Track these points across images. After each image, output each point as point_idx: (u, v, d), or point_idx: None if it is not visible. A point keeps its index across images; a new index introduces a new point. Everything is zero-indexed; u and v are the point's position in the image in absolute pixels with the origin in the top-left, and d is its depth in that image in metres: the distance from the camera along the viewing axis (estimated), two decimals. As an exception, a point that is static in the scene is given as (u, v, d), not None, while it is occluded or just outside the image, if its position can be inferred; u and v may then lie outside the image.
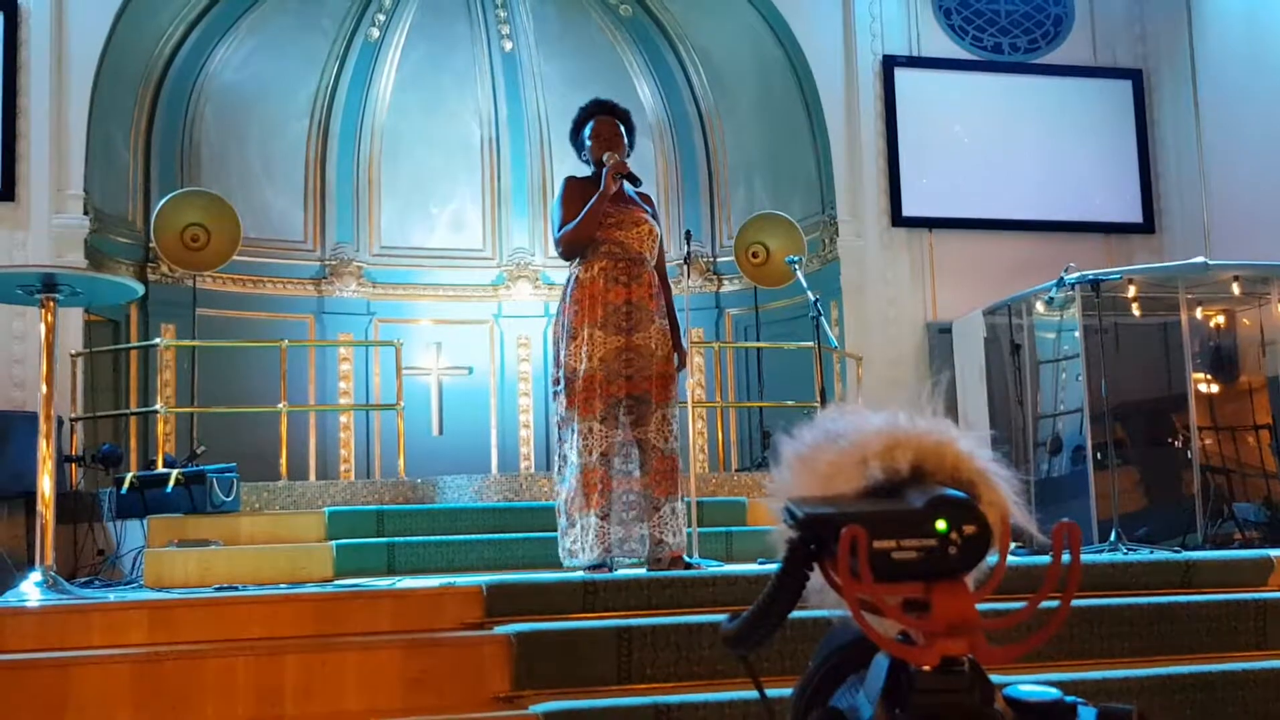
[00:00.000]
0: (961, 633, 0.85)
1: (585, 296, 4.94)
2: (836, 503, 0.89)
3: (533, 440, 10.13)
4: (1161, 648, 3.82)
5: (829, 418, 0.99)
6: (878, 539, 0.84)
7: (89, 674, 3.37)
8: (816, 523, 0.86)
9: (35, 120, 8.06)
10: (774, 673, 3.30)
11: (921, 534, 0.85)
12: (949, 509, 0.86)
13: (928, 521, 0.85)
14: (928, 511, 0.86)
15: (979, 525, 0.85)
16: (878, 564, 0.84)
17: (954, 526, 0.86)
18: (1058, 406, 7.90)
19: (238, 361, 9.01)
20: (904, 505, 0.87)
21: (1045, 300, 7.89)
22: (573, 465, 4.88)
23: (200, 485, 6.37)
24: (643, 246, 5.01)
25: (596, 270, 4.95)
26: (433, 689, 3.50)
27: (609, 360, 4.87)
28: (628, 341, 4.90)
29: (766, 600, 0.90)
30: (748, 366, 9.72)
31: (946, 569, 0.85)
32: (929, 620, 0.86)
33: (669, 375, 4.99)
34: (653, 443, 4.89)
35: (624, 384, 4.88)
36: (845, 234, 9.26)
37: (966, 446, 0.93)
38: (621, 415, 4.89)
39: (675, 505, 4.91)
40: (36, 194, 8.01)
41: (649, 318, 4.96)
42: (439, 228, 10.43)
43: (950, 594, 0.85)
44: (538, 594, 3.96)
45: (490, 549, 6.08)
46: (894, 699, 0.87)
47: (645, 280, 4.99)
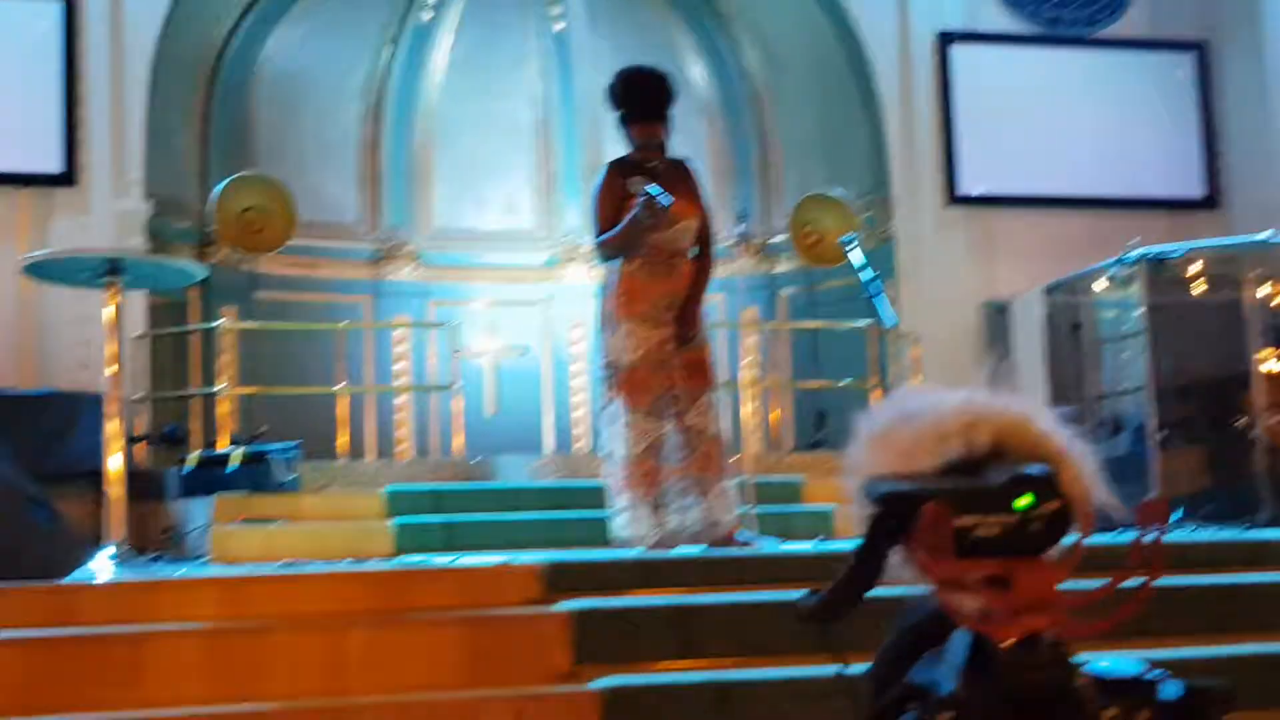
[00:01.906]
0: (1043, 609, 0.86)
1: (626, 291, 4.97)
2: (917, 480, 0.90)
3: (586, 420, 10.14)
4: (1229, 626, 3.78)
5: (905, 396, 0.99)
6: (960, 516, 0.84)
7: (161, 647, 3.43)
8: (898, 500, 0.87)
9: (95, 107, 8.16)
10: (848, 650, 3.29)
11: (1003, 511, 0.86)
12: (1031, 486, 0.86)
13: (1010, 498, 0.86)
14: (1010, 488, 0.86)
15: (1061, 502, 0.86)
16: (960, 541, 0.84)
17: (1036, 503, 0.86)
18: (1119, 386, 7.81)
19: (297, 343, 9.10)
20: (985, 482, 0.88)
21: (1106, 278, 7.79)
22: (622, 456, 4.93)
23: (262, 464, 6.47)
24: (682, 242, 5.04)
25: (637, 265, 4.98)
26: (493, 665, 3.53)
27: (653, 354, 4.91)
28: (669, 333, 4.95)
29: (847, 576, 0.91)
30: (803, 346, 9.68)
31: (1028, 545, 0.86)
32: (1011, 596, 0.87)
33: (708, 361, 5.05)
34: (696, 427, 4.93)
35: (666, 375, 4.92)
36: (900, 213, 9.18)
37: (1047, 423, 0.94)
38: (668, 407, 4.94)
39: (724, 485, 4.94)
40: (98, 179, 8.12)
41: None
42: (492, 210, 10.46)
43: (1032, 570, 0.86)
44: (597, 571, 3.99)
45: (546, 527, 6.13)
46: (976, 674, 0.88)
47: (684, 270, 5.03)
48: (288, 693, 3.36)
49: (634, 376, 4.91)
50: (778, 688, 3.32)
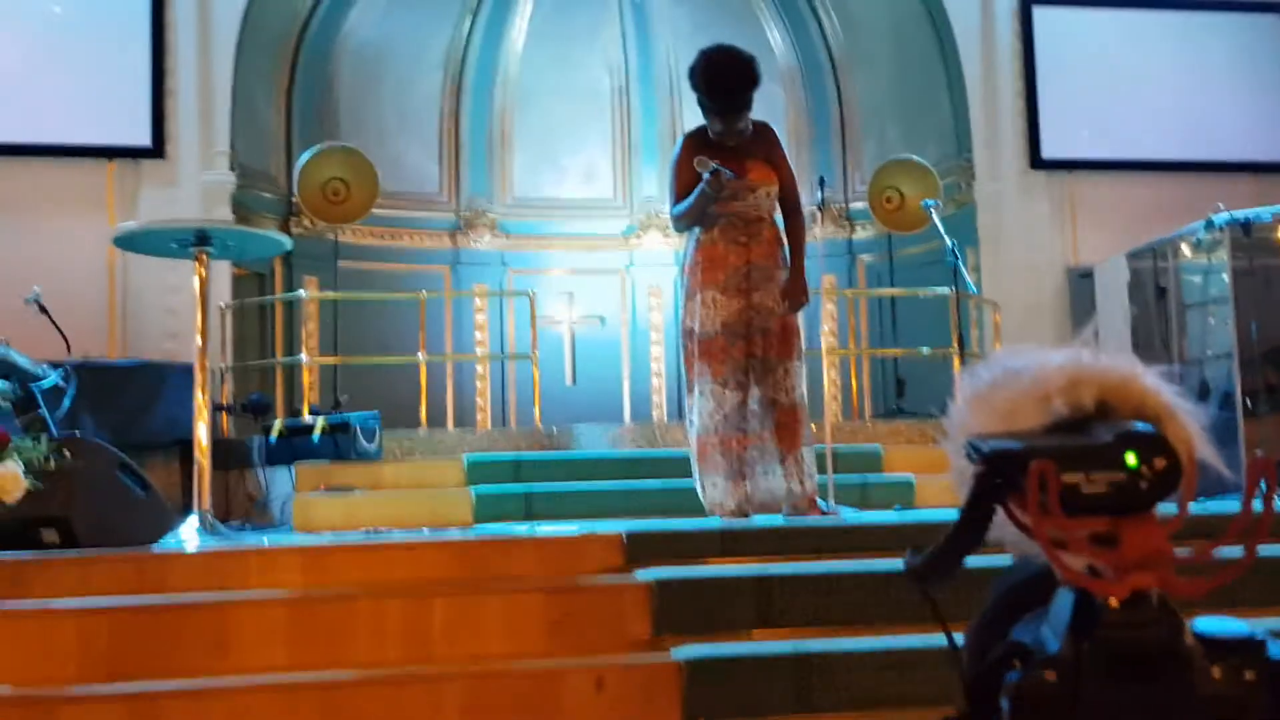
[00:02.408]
0: (1152, 566, 0.84)
1: (707, 259, 4.95)
2: (1022, 438, 0.88)
3: (664, 389, 10.17)
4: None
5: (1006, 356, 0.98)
6: (1067, 473, 0.83)
7: (247, 614, 3.47)
8: (1003, 458, 0.86)
9: (183, 80, 8.29)
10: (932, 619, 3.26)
11: (1111, 468, 0.84)
12: (1139, 443, 0.85)
13: (1117, 455, 0.84)
14: (1117, 445, 0.85)
15: (1169, 459, 0.84)
16: (1067, 498, 0.83)
17: (1144, 460, 0.84)
18: (1205, 352, 7.66)
19: (378, 312, 9.20)
20: (1092, 440, 0.86)
21: (1192, 243, 7.64)
22: (701, 425, 4.92)
23: (344, 433, 6.55)
24: (760, 210, 5.00)
25: (717, 233, 4.95)
26: (574, 633, 3.54)
27: (731, 323, 4.89)
28: (748, 302, 4.90)
29: (952, 535, 0.90)
30: (881, 313, 9.60)
31: (1136, 503, 0.84)
32: (1119, 554, 0.85)
33: (791, 329, 4.98)
34: (776, 398, 4.90)
35: (744, 345, 4.89)
36: (982, 178, 9.07)
37: (1152, 381, 0.92)
38: (747, 376, 4.90)
39: (802, 453, 4.91)
40: (186, 151, 8.25)
41: (768, 275, 4.95)
42: (570, 178, 10.49)
43: (1140, 528, 0.84)
44: (677, 541, 3.98)
45: (625, 496, 6.15)
46: (1081, 633, 0.86)
47: (765, 237, 4.98)
48: (370, 660, 3.39)
49: (713, 345, 4.89)
50: (858, 658, 3.29)
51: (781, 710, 3.22)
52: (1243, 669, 0.89)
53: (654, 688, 3.24)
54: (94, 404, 6.59)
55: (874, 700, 3.22)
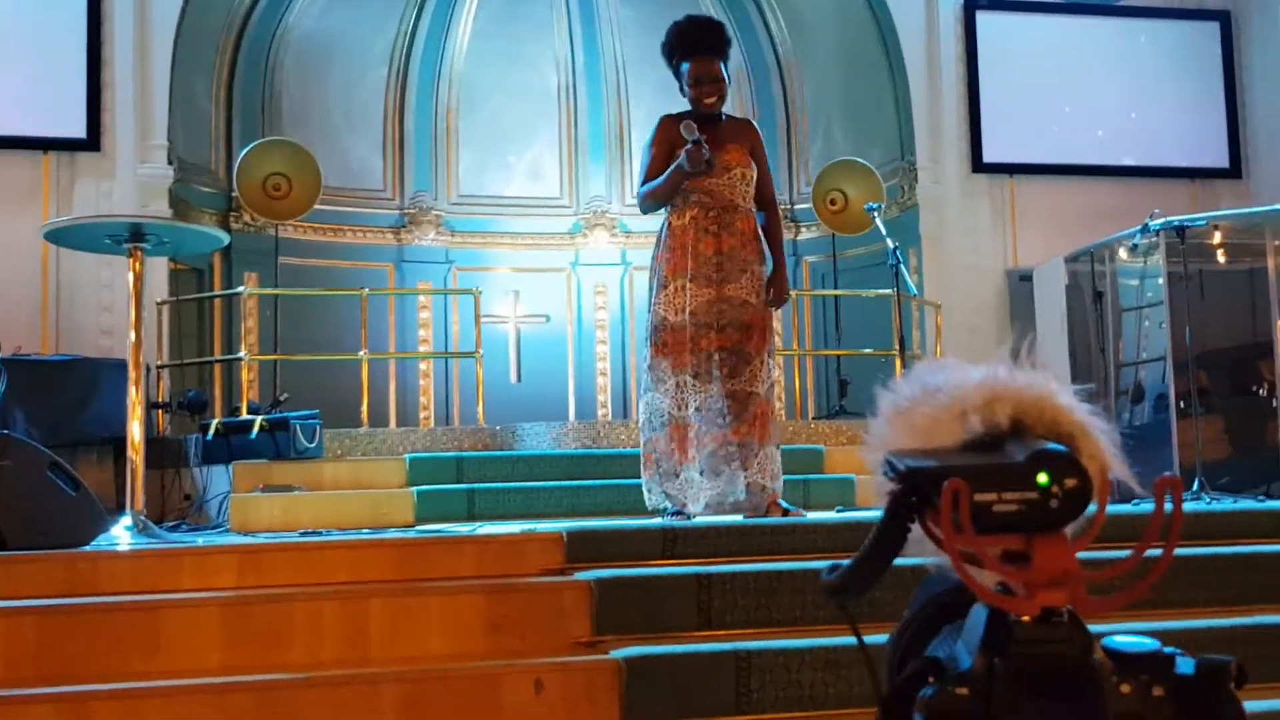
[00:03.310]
0: (1062, 584, 0.86)
1: (678, 245, 4.84)
2: (938, 455, 0.89)
3: (610, 388, 10.17)
4: (1248, 598, 3.77)
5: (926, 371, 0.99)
6: (980, 492, 0.84)
7: (180, 616, 3.44)
8: (918, 475, 0.87)
9: (120, 71, 8.16)
10: (865, 620, 3.29)
11: (1023, 487, 0.85)
12: (1051, 462, 0.86)
13: (1029, 475, 0.86)
14: (1029, 465, 0.86)
15: (1080, 479, 0.85)
16: (979, 516, 0.84)
17: (1055, 480, 0.86)
18: (1140, 354, 7.77)
19: (319, 309, 9.13)
20: (1005, 459, 0.87)
21: (1129, 247, 7.75)
22: (665, 417, 4.81)
23: (284, 432, 6.49)
24: (734, 193, 4.87)
25: (688, 219, 4.84)
26: (514, 633, 3.54)
27: (700, 313, 4.78)
28: (719, 293, 4.79)
29: (868, 551, 0.91)
30: (825, 314, 9.66)
31: (1047, 522, 0.86)
32: (1030, 572, 0.86)
33: (763, 324, 4.88)
34: (746, 390, 4.78)
35: (715, 337, 4.79)
36: (925, 180, 9.14)
37: (1067, 400, 0.93)
38: (715, 369, 4.79)
39: (770, 450, 4.81)
40: (122, 144, 8.13)
41: (741, 267, 4.83)
42: (516, 176, 10.46)
43: (1051, 546, 0.86)
44: (618, 541, 3.98)
45: (569, 495, 6.13)
46: (994, 649, 0.87)
47: (738, 228, 4.86)
48: (307, 662, 3.37)
49: (681, 336, 4.78)
50: (798, 658, 3.31)
51: (722, 710, 3.24)
52: (1151, 685, 0.91)
53: (594, 688, 3.25)
54: (25, 401, 6.49)
55: (814, 700, 3.25)
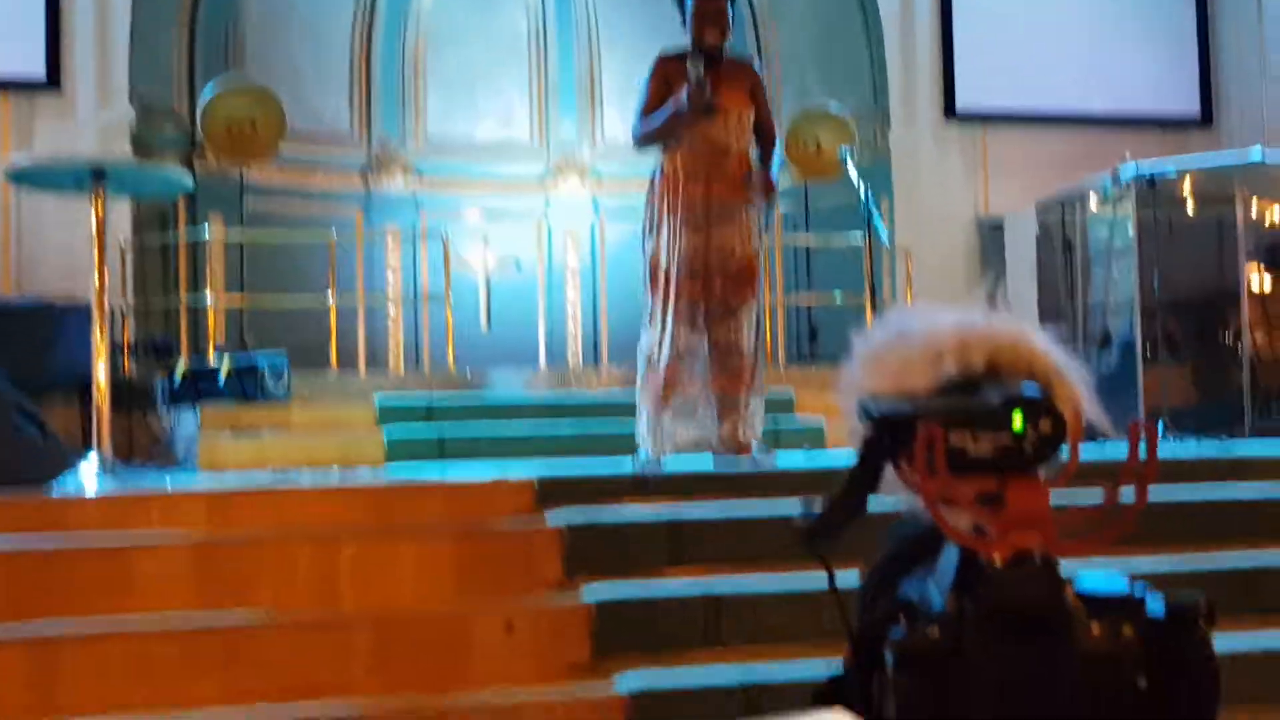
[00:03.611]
0: (1034, 526, 0.86)
1: (668, 189, 4.78)
2: (912, 399, 0.89)
3: (580, 334, 10.14)
4: (1212, 538, 3.82)
5: (900, 315, 0.98)
6: (954, 435, 0.84)
7: (149, 558, 3.42)
8: (892, 419, 0.87)
9: (80, 12, 8.02)
10: (836, 561, 3.30)
11: (998, 430, 0.85)
12: (1025, 405, 0.86)
13: (1004, 418, 0.86)
14: (1004, 408, 0.86)
15: (1055, 421, 0.85)
16: (954, 459, 0.84)
17: (1030, 423, 0.86)
18: (1109, 302, 7.82)
19: (286, 253, 9.04)
20: (980, 401, 0.87)
21: (1099, 195, 7.78)
22: (651, 361, 4.79)
23: (252, 375, 6.46)
24: (728, 137, 4.79)
25: (679, 162, 4.78)
26: (485, 577, 3.55)
27: (689, 258, 4.72)
28: (708, 239, 4.74)
29: (842, 494, 0.91)
30: (796, 261, 9.65)
31: (1021, 464, 0.86)
32: (1003, 514, 0.87)
33: (752, 275, 4.82)
34: (731, 341, 4.76)
35: (703, 283, 4.74)
36: (897, 128, 9.13)
37: (1041, 342, 0.93)
38: (700, 317, 4.76)
39: (751, 401, 4.80)
40: (83, 86, 8.00)
41: (731, 213, 4.76)
42: (486, 121, 10.35)
43: (1025, 488, 0.86)
44: (589, 484, 4.00)
45: (540, 440, 6.14)
46: (965, 590, 0.88)
47: (730, 172, 4.78)
48: (277, 604, 3.37)
49: (669, 280, 4.73)
50: (769, 598, 3.35)
51: (691, 647, 3.27)
52: (1121, 625, 0.91)
53: (564, 629, 3.27)
54: (-9, 344, 6.41)
55: (782, 636, 3.27)
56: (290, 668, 3.13)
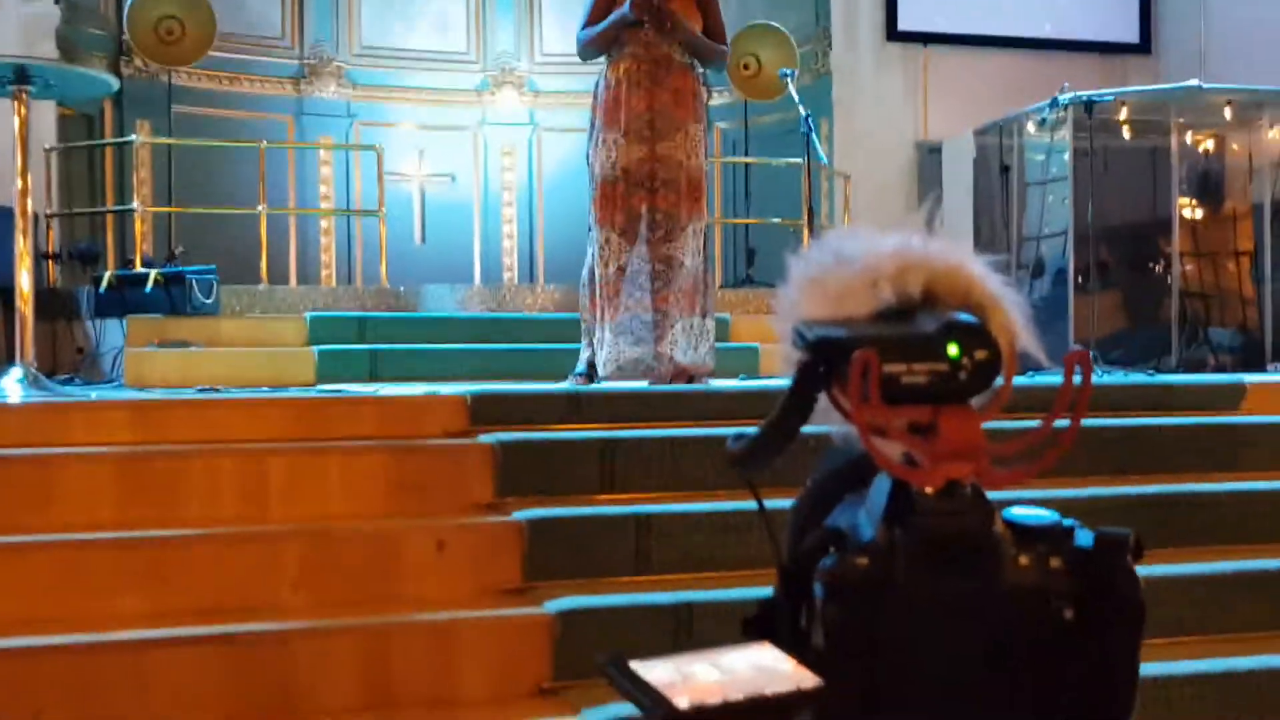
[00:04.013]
0: (967, 457, 0.85)
1: (611, 100, 4.70)
2: (847, 325, 0.88)
3: (516, 251, 10.07)
4: (1136, 467, 3.89)
5: (838, 239, 0.97)
6: (889, 363, 0.83)
7: (72, 470, 3.37)
8: (827, 345, 0.85)
9: (2, -97, 7.74)
10: (768, 487, 3.33)
11: (933, 358, 0.84)
12: (961, 334, 0.85)
13: (940, 346, 0.84)
14: (940, 336, 0.85)
15: (990, 351, 0.84)
16: (888, 387, 0.83)
17: (965, 352, 0.85)
18: (1043, 229, 7.88)
19: (216, 161, 8.84)
20: (916, 329, 0.86)
21: (1037, 121, 7.81)
22: (598, 276, 4.72)
23: (180, 286, 6.34)
24: (672, 47, 4.71)
25: (622, 71, 4.70)
26: (416, 495, 3.53)
27: (632, 170, 4.65)
28: (652, 151, 4.66)
29: (774, 420, 0.89)
30: (735, 182, 9.61)
31: (955, 393, 0.85)
32: (935, 444, 0.86)
33: (698, 189, 4.76)
34: (679, 259, 4.67)
35: (646, 196, 4.66)
36: (838, 48, 9.09)
37: (979, 270, 0.92)
38: (643, 229, 4.66)
39: (693, 322, 4.74)
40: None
41: (675, 125, 4.69)
42: (421, 29, 10.13)
43: (958, 418, 0.85)
44: (522, 404, 3.98)
45: (474, 359, 6.10)
46: (896, 520, 0.88)
47: (673, 84, 4.70)
48: (204, 519, 3.33)
49: (613, 192, 4.65)
50: (699, 520, 3.36)
51: (621, 571, 3.28)
52: (1049, 556, 0.91)
53: (495, 548, 3.27)
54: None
55: (711, 561, 3.30)
56: (217, 583, 3.11)
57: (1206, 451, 4.01)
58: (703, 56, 4.85)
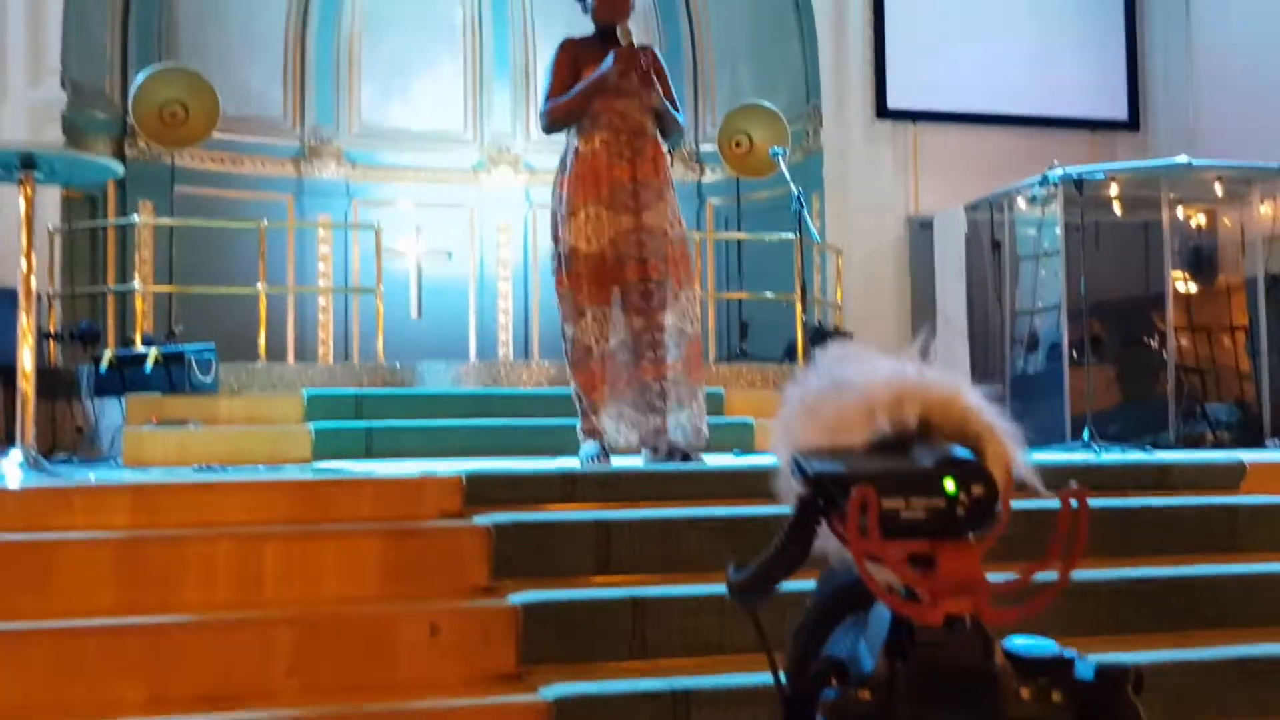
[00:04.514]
0: (967, 592, 0.87)
1: (587, 171, 4.65)
2: (845, 457, 0.89)
3: (511, 327, 10.10)
4: (1133, 549, 3.86)
5: (833, 362, 0.99)
6: (887, 498, 0.85)
7: (71, 555, 3.37)
8: (827, 480, 0.87)
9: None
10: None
11: (930, 494, 0.86)
12: (958, 470, 0.87)
13: (937, 482, 0.86)
14: (937, 472, 0.87)
15: (987, 487, 0.86)
16: (886, 522, 0.85)
17: (962, 487, 0.86)
18: (1036, 303, 7.93)
19: (216, 241, 8.90)
20: (913, 464, 0.88)
21: (1027, 197, 7.89)
22: (581, 351, 4.66)
23: (179, 365, 6.36)
24: (645, 115, 4.74)
25: (598, 144, 4.67)
26: (411, 577, 3.53)
27: (620, 242, 4.61)
28: (638, 222, 4.63)
29: (775, 553, 0.91)
30: (728, 256, 9.68)
31: (954, 528, 0.87)
32: (935, 579, 0.87)
33: (685, 256, 4.75)
34: (675, 327, 4.65)
35: (637, 267, 4.63)
36: (829, 126, 9.17)
37: (974, 400, 0.94)
38: (637, 300, 4.64)
39: (696, 391, 4.69)
40: (13, 67, 7.84)
41: (657, 194, 4.69)
42: (420, 109, 10.24)
43: (956, 553, 0.87)
44: (517, 485, 3.98)
45: (469, 435, 6.10)
46: (896, 652, 0.89)
47: (649, 154, 4.72)
48: (201, 603, 3.33)
49: (599, 266, 4.60)
50: (695, 604, 3.34)
51: (618, 655, 3.26)
52: (1050, 690, 0.92)
53: (490, 633, 3.25)
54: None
55: (709, 646, 3.28)
56: (213, 669, 3.10)
57: (1205, 533, 3.99)
58: (668, 126, 4.88)
